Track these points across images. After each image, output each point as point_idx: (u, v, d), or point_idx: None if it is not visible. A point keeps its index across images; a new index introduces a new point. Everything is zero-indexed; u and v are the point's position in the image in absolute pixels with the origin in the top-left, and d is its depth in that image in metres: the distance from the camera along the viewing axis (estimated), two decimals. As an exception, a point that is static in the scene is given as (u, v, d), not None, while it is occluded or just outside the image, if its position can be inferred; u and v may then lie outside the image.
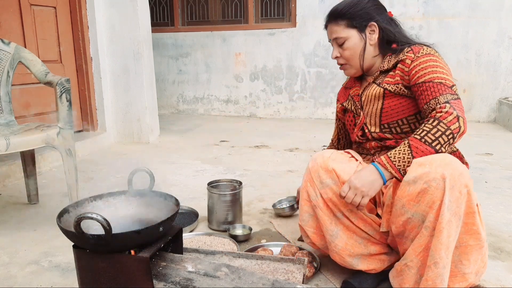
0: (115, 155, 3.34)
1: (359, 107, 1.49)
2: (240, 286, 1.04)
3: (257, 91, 5.33)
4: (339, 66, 1.50)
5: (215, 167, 2.96)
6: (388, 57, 1.42)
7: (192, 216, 2.00)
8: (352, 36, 1.41)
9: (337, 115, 1.70)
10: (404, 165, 1.19)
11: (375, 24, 1.40)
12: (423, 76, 1.28)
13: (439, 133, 1.17)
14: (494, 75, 4.62)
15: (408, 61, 1.33)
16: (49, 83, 2.00)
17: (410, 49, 1.35)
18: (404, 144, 1.21)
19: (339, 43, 1.43)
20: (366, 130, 1.46)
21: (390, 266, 1.37)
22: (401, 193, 1.17)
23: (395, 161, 1.20)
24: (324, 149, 3.46)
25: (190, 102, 5.63)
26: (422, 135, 1.18)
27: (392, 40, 1.41)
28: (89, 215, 0.93)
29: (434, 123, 1.18)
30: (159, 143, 3.77)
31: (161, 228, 1.05)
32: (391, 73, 1.39)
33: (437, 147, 1.17)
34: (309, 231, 1.42)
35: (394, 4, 4.64)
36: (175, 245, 1.22)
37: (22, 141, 1.74)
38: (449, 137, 1.17)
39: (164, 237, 1.12)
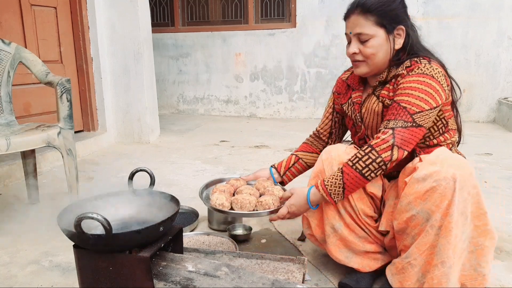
0: (115, 155, 3.34)
1: (359, 119, 1.44)
2: (240, 286, 1.04)
3: (257, 91, 5.33)
4: (353, 62, 1.37)
5: (215, 167, 2.96)
6: (390, 68, 1.35)
7: (192, 216, 2.00)
8: (379, 35, 1.29)
9: (333, 108, 1.60)
10: (335, 189, 1.25)
11: (403, 28, 1.30)
12: (397, 95, 1.26)
13: (370, 160, 1.20)
14: (493, 75, 4.63)
15: (399, 78, 1.29)
16: (49, 83, 2.00)
17: (410, 64, 1.28)
18: (339, 169, 1.26)
19: (362, 39, 1.30)
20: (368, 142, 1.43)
21: (383, 266, 1.39)
22: (409, 190, 1.18)
23: (328, 185, 1.26)
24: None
25: (190, 102, 5.63)
26: (354, 161, 1.23)
27: (410, 48, 1.32)
28: (90, 215, 0.93)
29: (367, 150, 1.21)
30: (159, 143, 3.78)
31: (161, 228, 1.06)
32: (387, 85, 1.34)
33: (367, 174, 1.22)
34: (313, 222, 1.44)
35: (394, 4, 4.64)
36: (175, 244, 1.23)
37: (22, 141, 1.75)
38: (380, 164, 1.20)
39: (164, 236, 1.12)
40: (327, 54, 4.97)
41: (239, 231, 1.83)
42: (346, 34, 1.35)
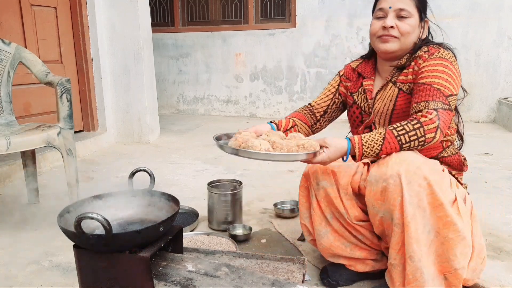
0: (115, 155, 3.34)
1: (370, 105, 1.42)
2: (240, 286, 1.04)
3: (257, 91, 5.33)
4: (383, 37, 1.34)
5: (215, 167, 2.96)
6: (407, 55, 1.36)
7: (192, 216, 2.00)
8: (415, 17, 1.33)
9: (337, 88, 1.56)
10: (369, 152, 1.18)
11: (428, 21, 1.38)
12: (425, 77, 1.25)
13: (415, 137, 1.17)
14: (493, 75, 4.63)
15: (420, 61, 1.29)
16: (49, 83, 2.00)
17: (427, 49, 1.31)
18: (380, 134, 1.19)
19: (402, 15, 1.31)
20: (374, 130, 1.36)
21: (372, 271, 1.40)
22: (368, 193, 1.21)
23: (365, 145, 1.19)
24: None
25: (190, 102, 5.63)
26: (400, 133, 1.17)
27: (428, 42, 1.37)
28: (90, 215, 0.93)
29: (416, 126, 1.17)
30: (159, 143, 3.78)
31: (161, 228, 1.06)
32: (405, 70, 1.35)
33: (404, 149, 1.18)
34: (311, 228, 1.45)
35: (394, 4, 4.64)
36: (175, 244, 1.23)
37: (22, 141, 1.75)
38: (421, 143, 1.18)
39: (164, 237, 1.12)
40: (327, 54, 4.97)
41: (239, 231, 1.83)
42: (381, 8, 1.33)
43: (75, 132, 2.30)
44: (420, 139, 1.17)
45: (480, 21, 4.52)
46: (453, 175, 1.36)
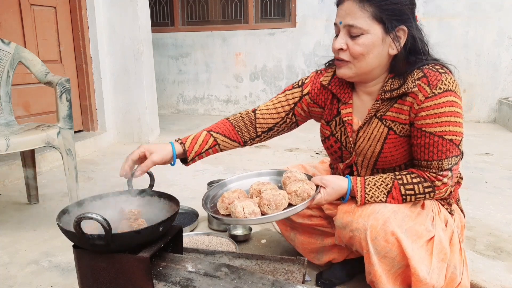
0: (115, 155, 3.34)
1: (351, 144, 1.22)
2: (240, 286, 1.04)
3: (257, 91, 5.33)
4: (336, 60, 1.15)
5: (215, 167, 2.95)
6: (390, 79, 1.12)
7: (192, 216, 2.00)
8: (374, 33, 1.05)
9: (293, 109, 1.30)
10: (372, 201, 1.11)
11: (405, 29, 1.07)
12: (434, 125, 1.06)
13: (421, 197, 1.11)
14: (494, 75, 4.62)
15: (421, 96, 1.06)
16: (49, 83, 2.00)
17: (423, 74, 1.07)
18: (386, 185, 1.10)
19: (352, 33, 1.06)
20: (355, 172, 1.26)
21: (351, 255, 1.42)
22: (337, 233, 1.21)
23: (368, 194, 1.11)
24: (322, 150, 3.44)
25: (190, 102, 5.63)
26: (408, 192, 1.10)
27: (413, 54, 1.10)
28: (89, 215, 0.93)
29: (428, 190, 1.10)
30: (159, 143, 3.77)
31: (161, 228, 1.05)
32: (396, 105, 1.12)
33: (405, 202, 1.13)
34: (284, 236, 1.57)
35: (394, 4, 4.64)
36: (175, 245, 1.22)
37: (22, 141, 1.74)
38: (421, 199, 1.13)
39: (164, 237, 1.12)
40: (327, 53, 4.94)
41: (239, 231, 1.83)
42: (335, 24, 1.11)
43: (75, 132, 2.29)
44: (426, 196, 1.11)
45: (481, 20, 4.52)
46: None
